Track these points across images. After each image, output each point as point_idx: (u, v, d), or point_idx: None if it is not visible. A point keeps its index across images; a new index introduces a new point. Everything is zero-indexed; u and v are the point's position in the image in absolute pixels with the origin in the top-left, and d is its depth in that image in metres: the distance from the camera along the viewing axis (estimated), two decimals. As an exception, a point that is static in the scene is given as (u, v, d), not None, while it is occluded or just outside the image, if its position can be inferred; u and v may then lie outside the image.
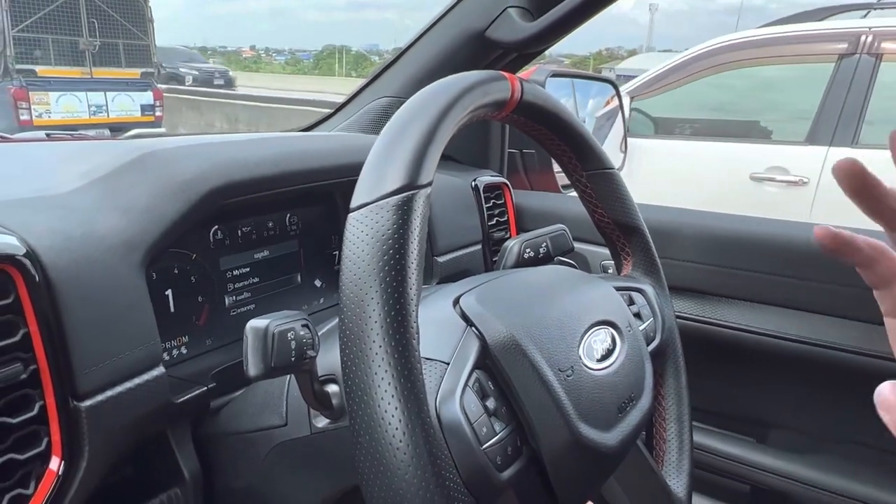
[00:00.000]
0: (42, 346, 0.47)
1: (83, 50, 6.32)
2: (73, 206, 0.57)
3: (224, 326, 0.72)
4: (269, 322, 0.41)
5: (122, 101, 6.46)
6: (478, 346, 0.46)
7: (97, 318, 0.51)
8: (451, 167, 1.13)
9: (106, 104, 6.35)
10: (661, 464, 0.65)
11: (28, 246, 0.47)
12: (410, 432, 0.35)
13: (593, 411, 0.47)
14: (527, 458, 0.45)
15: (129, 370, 0.53)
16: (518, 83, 0.52)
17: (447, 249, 0.94)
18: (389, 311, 0.37)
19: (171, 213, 0.58)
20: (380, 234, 0.38)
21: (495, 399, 0.45)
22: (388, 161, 0.41)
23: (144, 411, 0.55)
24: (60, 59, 6.25)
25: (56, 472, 0.48)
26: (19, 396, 0.47)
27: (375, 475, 0.36)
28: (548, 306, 0.52)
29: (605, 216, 0.66)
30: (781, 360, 0.94)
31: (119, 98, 6.45)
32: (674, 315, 0.68)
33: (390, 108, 1.08)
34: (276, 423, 0.55)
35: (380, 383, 0.36)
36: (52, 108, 6.21)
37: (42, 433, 0.48)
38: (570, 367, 0.48)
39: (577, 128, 0.60)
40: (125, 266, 0.54)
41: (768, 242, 0.93)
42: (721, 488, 1.03)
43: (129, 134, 1.15)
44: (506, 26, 0.97)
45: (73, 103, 6.31)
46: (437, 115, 0.43)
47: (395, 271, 0.37)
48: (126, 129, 5.32)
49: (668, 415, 0.66)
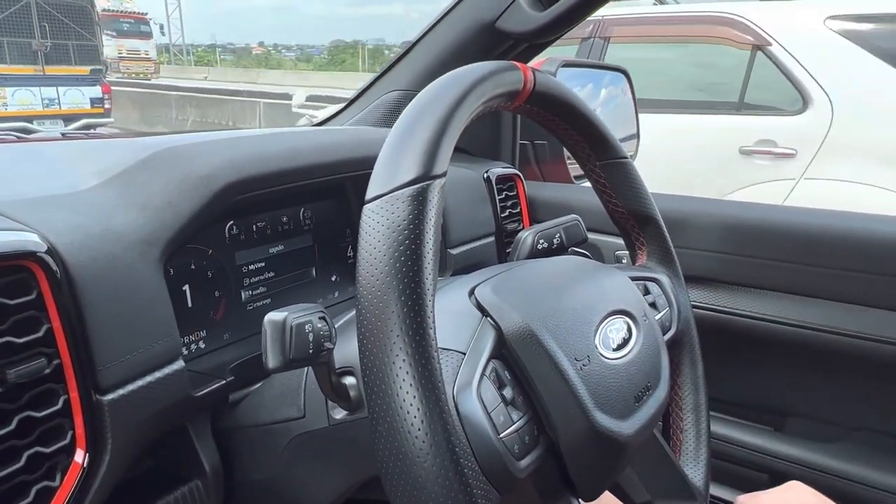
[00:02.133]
0: (65, 342, 0.48)
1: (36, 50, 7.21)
2: (92, 203, 0.57)
3: (241, 320, 0.73)
4: (286, 315, 0.42)
5: (72, 94, 7.30)
6: (494, 336, 0.46)
7: (118, 313, 0.52)
8: (463, 159, 1.13)
9: (58, 97, 7.19)
10: (678, 453, 0.65)
11: (49, 243, 0.48)
12: (429, 420, 0.36)
13: (610, 400, 0.47)
14: (544, 447, 0.45)
15: (149, 364, 0.54)
16: (531, 73, 0.52)
17: (460, 241, 0.94)
18: (406, 301, 0.37)
19: (187, 208, 0.59)
20: (395, 224, 0.39)
21: (512, 388, 0.45)
22: (403, 152, 0.41)
23: (165, 405, 0.55)
24: (16, 59, 7.16)
25: (81, 465, 0.49)
26: (44, 391, 0.48)
27: (394, 463, 0.37)
28: (563, 296, 0.52)
29: (619, 206, 0.65)
30: (798, 348, 0.93)
31: (70, 92, 7.28)
32: (689, 304, 0.68)
33: (401, 101, 1.08)
34: (294, 416, 0.56)
35: (398, 372, 0.36)
36: (9, 102, 7.03)
37: (66, 426, 0.49)
38: (587, 357, 0.48)
39: (591, 117, 0.60)
40: (144, 262, 0.55)
41: (784, 230, 0.92)
42: (739, 478, 1.03)
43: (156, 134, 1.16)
44: (516, 16, 0.96)
45: (27, 97, 7.14)
46: (450, 105, 0.43)
47: (412, 261, 0.38)
48: (77, 119, 6.78)
49: (685, 404, 0.66)
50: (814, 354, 0.93)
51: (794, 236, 0.91)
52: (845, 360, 0.90)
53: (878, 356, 0.86)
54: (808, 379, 0.98)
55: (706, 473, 0.64)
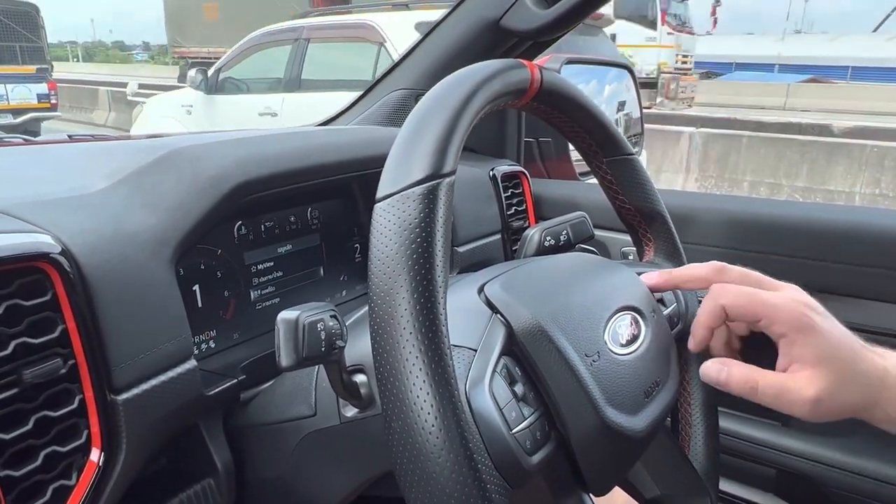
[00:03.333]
0: (80, 342, 0.48)
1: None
2: (103, 204, 0.58)
3: (250, 320, 0.73)
4: (299, 313, 0.42)
5: (20, 91, 8.02)
6: (504, 333, 0.46)
7: (131, 313, 0.52)
8: (469, 157, 1.13)
9: (6, 94, 7.91)
10: (687, 448, 0.65)
11: (63, 244, 0.48)
12: (442, 416, 0.36)
13: (620, 396, 0.47)
14: (555, 442, 0.46)
15: (162, 364, 0.54)
16: (537, 71, 0.52)
17: (467, 239, 0.94)
18: (419, 299, 0.37)
19: (198, 209, 0.59)
20: (406, 222, 0.39)
21: (523, 384, 0.45)
22: (413, 151, 0.42)
23: (178, 404, 0.56)
24: (-35, 60, 8.09)
25: (97, 464, 0.50)
26: (60, 391, 0.48)
27: (409, 459, 0.37)
28: (572, 292, 0.52)
29: (626, 203, 0.65)
30: None
31: (17, 88, 8.00)
32: (697, 300, 0.68)
33: (406, 99, 1.08)
34: (306, 414, 0.56)
35: (411, 369, 0.37)
36: (-39, 98, 7.62)
37: (82, 426, 0.50)
38: (596, 353, 0.48)
39: (597, 114, 0.60)
40: (156, 262, 0.56)
41: (791, 225, 0.92)
42: (747, 473, 1.03)
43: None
44: (520, 14, 0.96)
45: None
46: (458, 104, 0.44)
47: (423, 259, 0.38)
48: (25, 113, 7.85)
49: (694, 400, 0.66)
50: None
51: (802, 231, 0.91)
52: None
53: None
54: None
55: (715, 469, 0.65)
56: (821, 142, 6.39)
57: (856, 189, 5.97)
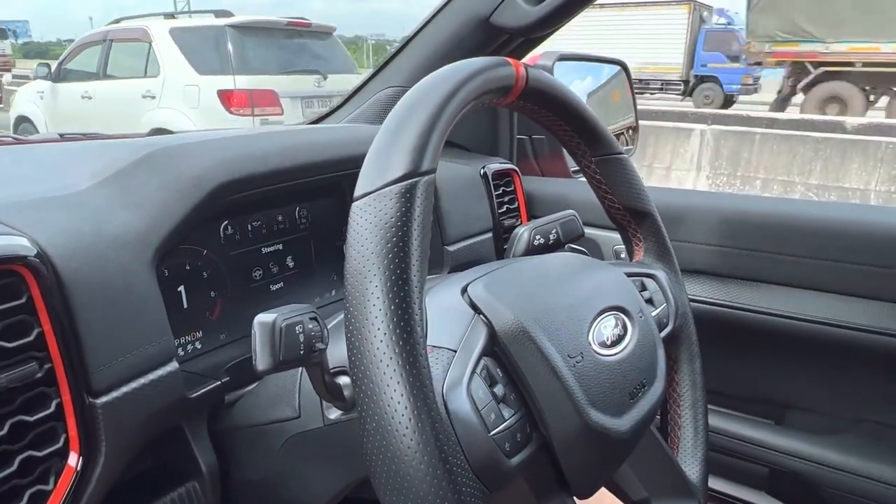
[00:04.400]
0: (56, 345, 0.48)
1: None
2: (85, 204, 0.57)
3: (238, 321, 0.73)
4: (276, 316, 0.41)
5: None
6: (486, 334, 0.46)
7: (110, 315, 0.51)
8: (460, 155, 1.12)
9: None
10: (676, 450, 0.65)
11: (39, 247, 0.48)
12: (416, 418, 0.36)
13: (604, 397, 0.47)
14: (537, 444, 0.45)
15: (142, 366, 0.54)
16: (523, 69, 0.51)
17: (457, 238, 0.93)
18: (393, 299, 0.37)
19: (181, 209, 0.59)
20: (382, 222, 0.38)
21: (504, 386, 0.45)
22: (391, 150, 0.41)
23: (159, 406, 0.55)
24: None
25: (74, 468, 0.49)
26: (36, 395, 0.48)
27: (383, 462, 0.36)
28: (556, 293, 0.51)
29: (615, 202, 0.65)
30: (798, 341, 0.93)
31: None
32: (687, 300, 0.67)
33: (396, 98, 1.06)
34: (290, 416, 0.56)
35: (385, 370, 0.36)
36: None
37: (59, 430, 0.49)
38: (580, 354, 0.47)
39: (585, 113, 0.59)
40: (137, 263, 0.55)
41: (782, 222, 0.91)
42: (739, 471, 1.02)
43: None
44: (510, 11, 0.96)
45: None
46: (439, 102, 0.43)
47: (399, 259, 0.37)
48: None
49: (683, 400, 0.66)
50: (814, 347, 0.92)
51: (793, 228, 0.90)
52: (845, 352, 0.90)
53: (879, 348, 0.85)
54: (807, 372, 0.98)
55: (704, 469, 0.64)
56: (835, 139, 6.28)
57: (871, 186, 5.90)
